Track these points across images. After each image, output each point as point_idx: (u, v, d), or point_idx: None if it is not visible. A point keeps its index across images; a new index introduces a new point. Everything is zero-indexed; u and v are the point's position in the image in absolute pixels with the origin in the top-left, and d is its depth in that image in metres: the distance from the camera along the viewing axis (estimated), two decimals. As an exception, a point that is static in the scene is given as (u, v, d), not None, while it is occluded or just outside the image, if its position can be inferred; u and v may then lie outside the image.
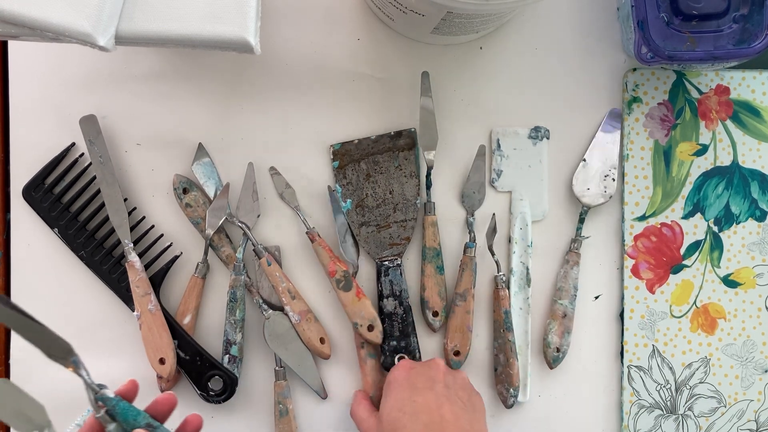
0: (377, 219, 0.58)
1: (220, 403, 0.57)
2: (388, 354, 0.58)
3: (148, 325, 0.56)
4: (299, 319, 0.57)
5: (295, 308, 0.57)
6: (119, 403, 0.44)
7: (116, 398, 0.45)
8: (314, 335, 0.57)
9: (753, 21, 0.52)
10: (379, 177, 0.59)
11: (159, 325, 0.56)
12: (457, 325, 0.57)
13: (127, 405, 0.45)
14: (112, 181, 0.57)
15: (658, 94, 0.59)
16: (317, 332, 0.58)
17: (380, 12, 0.57)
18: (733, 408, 0.60)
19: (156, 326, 0.56)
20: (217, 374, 0.57)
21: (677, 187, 0.60)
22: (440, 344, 0.59)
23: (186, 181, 0.58)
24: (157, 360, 0.56)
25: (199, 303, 0.58)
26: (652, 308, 0.59)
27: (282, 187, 0.59)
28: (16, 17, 0.41)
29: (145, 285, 0.56)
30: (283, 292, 0.57)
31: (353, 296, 0.57)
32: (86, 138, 0.57)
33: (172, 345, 0.56)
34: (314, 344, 0.57)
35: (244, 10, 0.44)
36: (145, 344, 0.56)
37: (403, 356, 0.57)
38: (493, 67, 0.60)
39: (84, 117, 0.57)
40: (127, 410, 0.44)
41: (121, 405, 0.44)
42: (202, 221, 0.58)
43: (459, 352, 0.58)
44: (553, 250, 0.60)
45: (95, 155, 0.57)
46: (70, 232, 0.57)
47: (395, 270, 0.58)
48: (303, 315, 0.57)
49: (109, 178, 0.57)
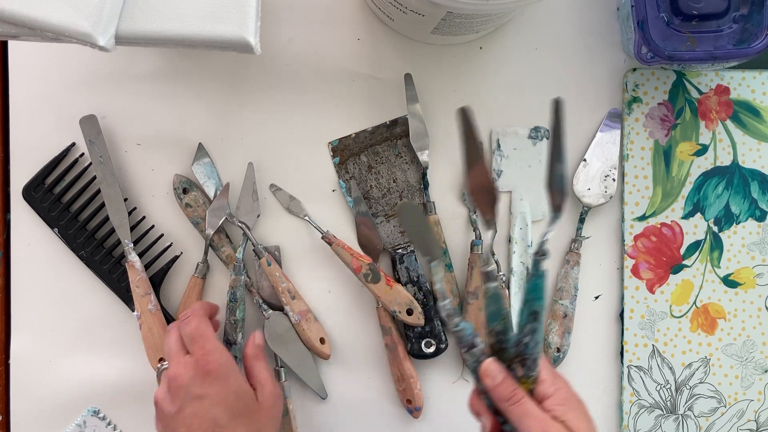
0: (385, 209, 0.59)
1: None
2: (414, 341, 0.58)
3: (148, 325, 0.56)
4: (299, 319, 0.57)
5: (295, 308, 0.57)
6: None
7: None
8: (314, 335, 0.57)
9: (753, 21, 0.52)
10: (381, 167, 0.59)
11: (159, 325, 0.56)
12: (471, 323, 0.57)
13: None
14: (112, 181, 0.57)
15: (658, 94, 0.59)
16: (317, 332, 0.58)
17: (380, 12, 0.57)
18: (733, 408, 0.60)
19: (156, 326, 0.56)
20: None
21: (677, 187, 0.60)
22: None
23: (186, 181, 0.58)
24: (157, 360, 0.56)
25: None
26: (652, 308, 0.59)
27: (287, 201, 0.59)
28: (16, 17, 0.41)
29: (145, 285, 0.56)
30: (283, 292, 0.57)
31: (384, 286, 0.56)
32: (86, 138, 0.57)
33: None
34: (314, 344, 0.57)
35: (244, 10, 0.44)
36: (145, 344, 0.56)
37: (431, 341, 0.57)
38: (493, 67, 0.60)
39: (84, 117, 0.57)
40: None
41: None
42: (202, 221, 0.58)
43: None
44: (554, 250, 0.60)
45: (95, 155, 0.57)
46: (70, 232, 0.57)
47: (410, 256, 0.58)
48: (303, 315, 0.57)
49: (109, 178, 0.57)
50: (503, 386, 0.43)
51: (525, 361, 0.44)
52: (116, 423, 0.59)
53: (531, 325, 0.44)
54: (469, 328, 0.44)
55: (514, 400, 0.43)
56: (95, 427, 0.58)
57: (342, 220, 0.59)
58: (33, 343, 0.58)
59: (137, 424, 0.59)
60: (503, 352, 0.44)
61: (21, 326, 0.58)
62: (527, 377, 0.44)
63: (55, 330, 0.59)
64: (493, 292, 0.44)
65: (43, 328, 0.58)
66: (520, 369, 0.44)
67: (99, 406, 0.59)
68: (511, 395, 0.43)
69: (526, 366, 0.44)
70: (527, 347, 0.44)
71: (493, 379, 0.43)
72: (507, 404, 0.43)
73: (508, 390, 0.43)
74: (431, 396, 0.59)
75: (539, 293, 0.44)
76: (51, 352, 0.58)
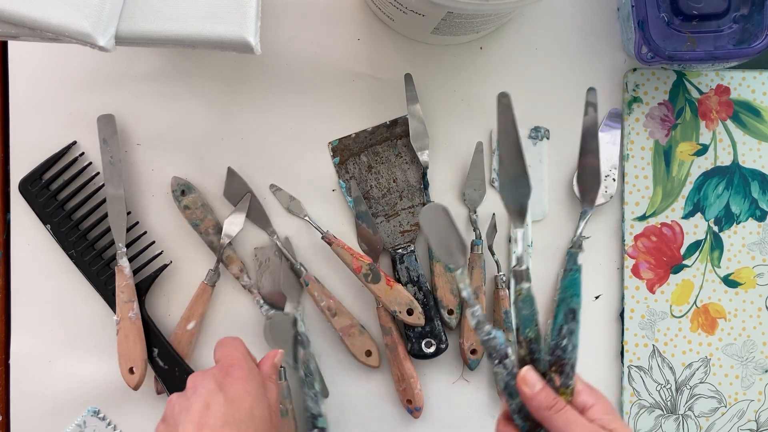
0: (385, 209, 0.59)
1: None
2: (414, 341, 0.57)
3: (125, 332, 0.55)
4: (341, 336, 0.57)
5: (336, 325, 0.57)
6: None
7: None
8: (358, 350, 0.57)
9: (753, 21, 0.52)
10: (381, 167, 0.59)
11: (136, 334, 0.55)
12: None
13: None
14: (118, 183, 0.56)
15: (658, 94, 0.59)
16: (362, 346, 0.57)
17: (380, 12, 0.57)
18: (733, 408, 0.60)
19: (132, 335, 0.55)
20: None
21: (677, 187, 0.60)
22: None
23: (184, 183, 0.58)
24: (127, 369, 0.55)
25: (205, 310, 0.58)
26: (652, 308, 0.59)
27: (286, 201, 0.59)
28: (16, 17, 0.41)
29: (129, 292, 0.56)
30: (324, 311, 0.57)
31: (384, 286, 0.56)
32: (101, 136, 0.57)
33: (144, 356, 0.56)
34: (359, 359, 0.57)
35: (244, 10, 0.44)
36: (119, 350, 0.55)
37: (431, 341, 0.57)
38: (493, 67, 0.60)
39: (102, 115, 0.57)
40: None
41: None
42: (201, 223, 0.58)
43: (476, 351, 0.58)
44: (553, 250, 0.60)
45: (106, 155, 0.56)
46: (62, 230, 0.57)
47: (410, 256, 0.58)
48: (345, 331, 0.57)
49: (116, 179, 0.56)
50: (544, 393, 0.40)
51: (563, 368, 0.41)
52: (116, 423, 0.59)
53: (568, 325, 0.41)
54: (501, 336, 0.41)
55: (557, 408, 0.40)
56: (95, 427, 0.58)
57: (342, 220, 0.59)
58: (33, 343, 0.58)
59: (137, 424, 0.59)
60: (536, 364, 0.41)
61: (21, 326, 0.58)
62: (566, 386, 0.41)
63: (55, 330, 0.59)
64: (527, 294, 0.41)
65: (43, 328, 0.58)
66: (557, 378, 0.41)
67: (99, 406, 0.59)
68: (554, 403, 0.40)
69: (564, 373, 0.41)
70: (565, 351, 0.41)
71: (532, 387, 0.40)
72: (550, 413, 0.40)
73: (550, 397, 0.40)
74: (431, 396, 0.59)
75: (577, 289, 0.41)
76: (51, 352, 0.58)
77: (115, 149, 0.56)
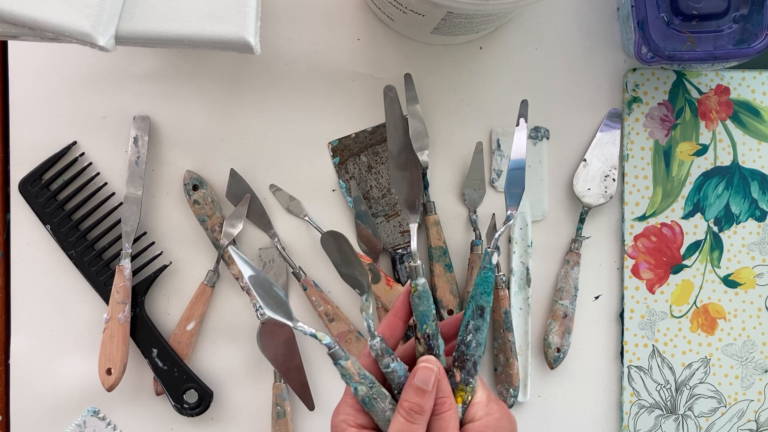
0: (384, 209, 0.59)
1: (194, 417, 0.57)
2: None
3: (111, 332, 0.55)
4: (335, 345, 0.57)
5: (334, 331, 0.57)
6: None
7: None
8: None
9: (753, 21, 0.52)
10: (381, 167, 0.59)
11: (121, 336, 0.55)
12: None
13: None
14: (139, 184, 0.57)
15: (658, 94, 0.59)
16: (358, 353, 0.57)
17: (380, 12, 0.57)
18: (733, 408, 0.60)
19: (118, 337, 0.55)
20: (192, 387, 0.57)
21: (677, 187, 0.60)
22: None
23: (197, 177, 0.58)
24: (105, 369, 0.55)
25: (205, 311, 0.58)
26: (652, 308, 0.59)
27: (286, 201, 0.59)
28: (16, 17, 0.41)
29: (125, 293, 0.56)
30: (320, 316, 0.57)
31: (384, 286, 0.57)
32: (132, 135, 0.57)
33: (125, 360, 0.56)
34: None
35: (244, 10, 0.44)
36: (101, 350, 0.55)
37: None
38: (493, 67, 0.60)
39: (139, 116, 0.57)
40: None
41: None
42: (209, 219, 0.58)
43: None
44: (554, 250, 0.60)
45: (134, 154, 0.57)
46: (62, 230, 0.57)
47: (410, 257, 0.58)
48: (341, 337, 0.57)
49: (137, 180, 0.57)
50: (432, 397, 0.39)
51: (464, 364, 0.41)
52: (116, 423, 0.59)
53: (475, 322, 0.41)
54: (400, 369, 0.41)
55: (439, 410, 0.39)
56: (95, 427, 0.58)
57: (342, 220, 0.59)
58: (33, 343, 0.58)
59: (137, 424, 0.59)
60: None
61: (21, 326, 0.58)
62: (465, 383, 0.41)
63: (55, 330, 0.59)
64: (422, 290, 0.42)
65: (43, 328, 0.58)
66: (458, 374, 0.41)
67: (99, 406, 0.59)
68: (442, 401, 0.40)
69: (465, 369, 0.41)
70: (468, 347, 0.41)
71: (426, 384, 0.39)
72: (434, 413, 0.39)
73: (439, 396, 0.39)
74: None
75: (488, 287, 0.41)
76: (51, 352, 0.58)
77: (143, 150, 0.57)
